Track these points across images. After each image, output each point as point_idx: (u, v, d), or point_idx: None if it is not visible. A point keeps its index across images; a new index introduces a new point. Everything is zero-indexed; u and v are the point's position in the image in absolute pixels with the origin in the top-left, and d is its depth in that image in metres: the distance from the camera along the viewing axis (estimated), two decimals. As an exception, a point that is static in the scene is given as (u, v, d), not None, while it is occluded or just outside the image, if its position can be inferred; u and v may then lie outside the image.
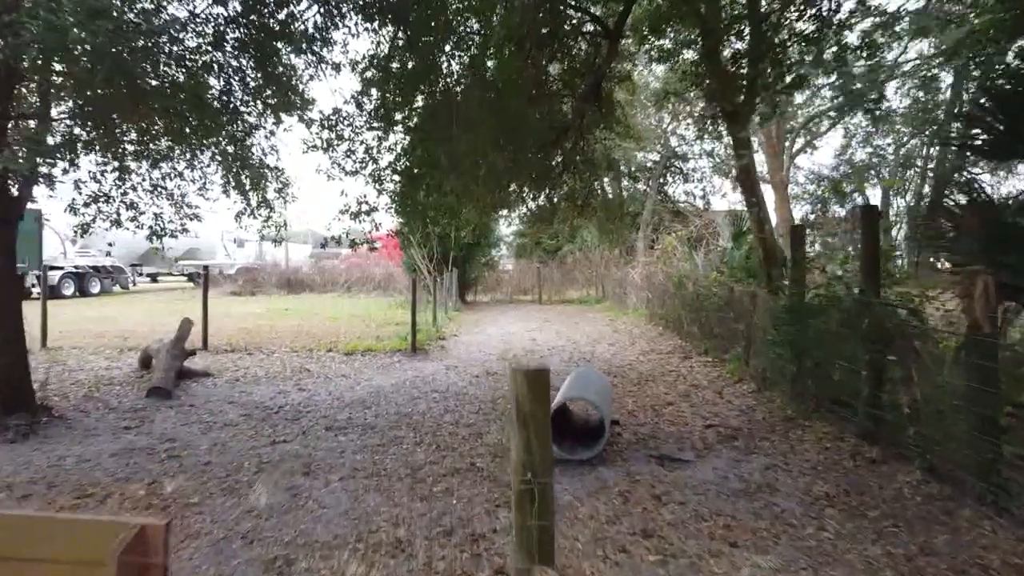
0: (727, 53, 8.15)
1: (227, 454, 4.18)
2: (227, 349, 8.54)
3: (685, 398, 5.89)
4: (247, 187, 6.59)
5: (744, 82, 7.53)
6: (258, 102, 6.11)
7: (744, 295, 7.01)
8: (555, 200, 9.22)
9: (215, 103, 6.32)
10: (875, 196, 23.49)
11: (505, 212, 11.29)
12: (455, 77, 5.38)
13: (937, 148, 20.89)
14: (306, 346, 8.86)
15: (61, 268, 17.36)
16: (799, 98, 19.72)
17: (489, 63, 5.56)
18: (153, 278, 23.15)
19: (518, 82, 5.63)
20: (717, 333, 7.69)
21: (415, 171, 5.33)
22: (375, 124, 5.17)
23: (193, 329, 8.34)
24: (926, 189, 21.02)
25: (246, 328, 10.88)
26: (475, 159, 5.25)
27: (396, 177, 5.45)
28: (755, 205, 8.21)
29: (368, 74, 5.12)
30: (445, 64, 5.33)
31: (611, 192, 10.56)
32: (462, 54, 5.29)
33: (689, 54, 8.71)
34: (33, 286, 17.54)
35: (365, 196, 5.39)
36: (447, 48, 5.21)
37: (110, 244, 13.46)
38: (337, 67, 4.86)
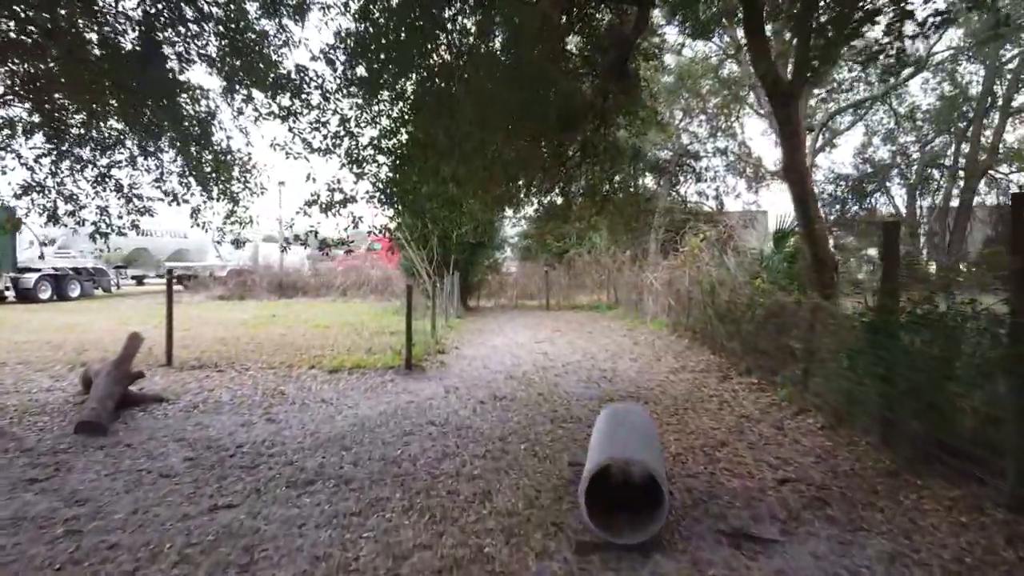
0: (773, 27, 7.08)
1: (147, 529, 3.08)
2: (194, 365, 7.45)
3: (738, 435, 4.78)
4: (209, 175, 5.51)
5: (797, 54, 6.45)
6: (222, 73, 5.04)
7: (798, 306, 5.89)
8: (571, 195, 8.12)
9: (171, 75, 5.26)
10: (899, 196, 22.38)
11: (512, 210, 10.20)
12: (460, 38, 4.29)
13: (967, 146, 19.77)
14: (286, 361, 7.77)
15: (38, 270, 16.31)
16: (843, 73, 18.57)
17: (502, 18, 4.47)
18: (139, 281, 22.07)
19: (536, 46, 4.56)
20: (763, 350, 6.57)
21: (405, 151, 4.24)
22: (354, 89, 4.08)
23: (156, 343, 7.29)
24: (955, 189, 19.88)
25: (224, 338, 9.79)
26: (481, 139, 4.17)
27: (381, 159, 4.35)
28: (804, 200, 7.11)
29: (344, 24, 4.03)
30: (448, 22, 4.24)
31: (632, 186, 9.53)
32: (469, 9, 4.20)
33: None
34: (7, 289, 16.54)
35: (339, 182, 4.29)
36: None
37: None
38: (301, 9, 3.76)
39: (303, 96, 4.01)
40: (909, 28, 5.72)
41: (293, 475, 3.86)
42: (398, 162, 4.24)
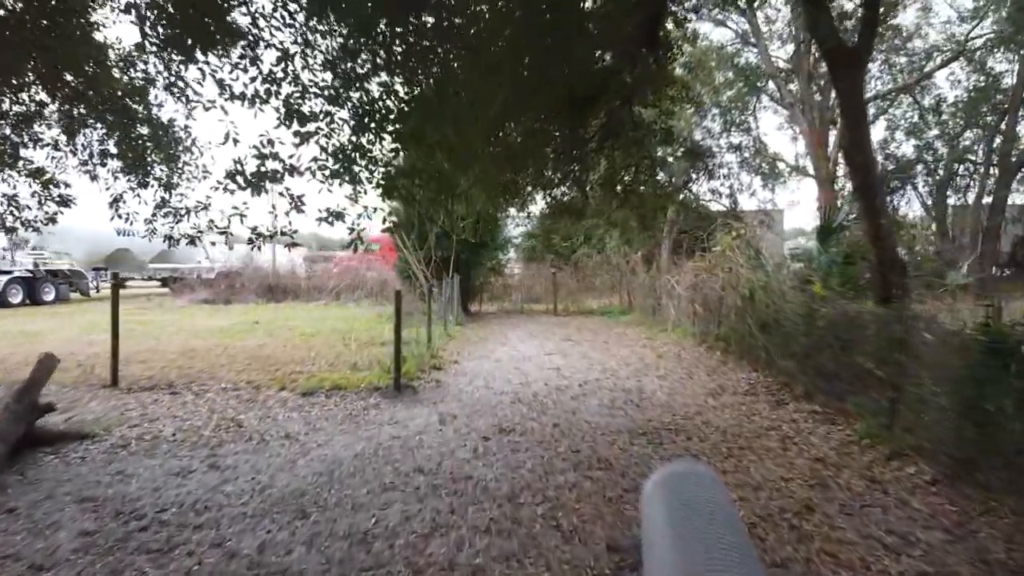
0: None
1: None
2: (145, 385, 6.31)
3: (822, 491, 3.63)
4: (142, 155, 4.37)
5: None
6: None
7: (880, 319, 4.74)
8: (587, 185, 6.98)
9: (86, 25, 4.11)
10: (925, 194, 21.15)
11: (518, 207, 9.05)
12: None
13: (999, 141, 18.57)
14: (255, 380, 6.63)
15: (8, 272, 15.22)
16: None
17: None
18: (121, 283, 20.89)
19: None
20: (826, 370, 5.41)
21: (372, 107, 3.10)
22: (298, 16, 2.94)
23: (99, 359, 6.18)
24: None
25: (193, 350, 8.67)
26: (483, 96, 3.05)
27: (332, 108, 3.18)
28: (869, 189, 5.97)
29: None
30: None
31: (659, 175, 8.39)
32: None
33: None
34: (-22, 292, 15.46)
35: (271, 144, 3.12)
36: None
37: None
38: None
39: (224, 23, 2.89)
40: None
41: (218, 568, 2.72)
42: (364, 119, 3.10)
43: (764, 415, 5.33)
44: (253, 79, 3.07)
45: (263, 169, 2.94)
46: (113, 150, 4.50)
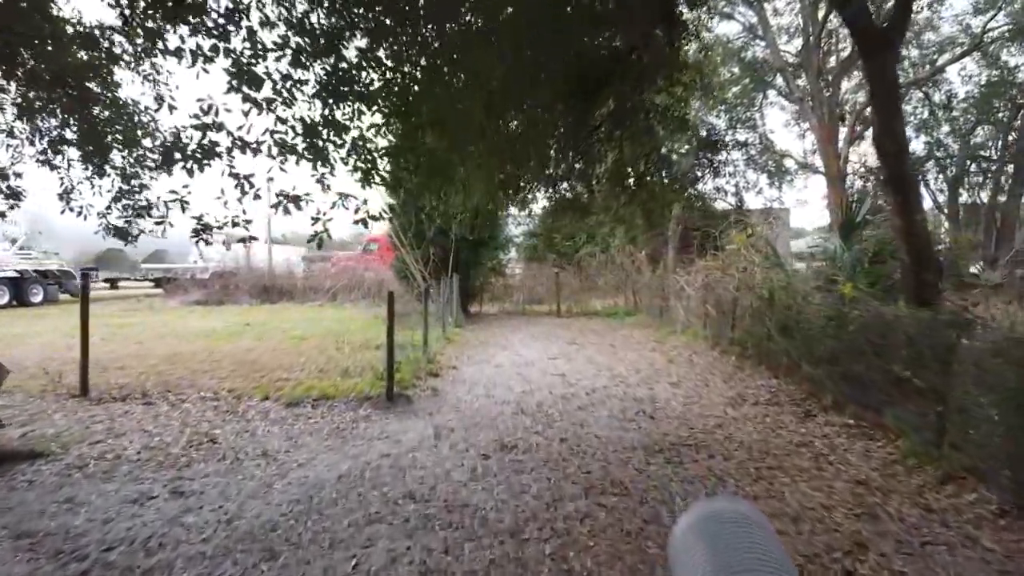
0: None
1: None
2: (117, 395, 5.85)
3: (872, 523, 3.15)
4: (103, 141, 3.91)
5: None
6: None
7: (924, 323, 4.26)
8: (593, 179, 6.51)
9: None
10: (936, 192, 20.64)
11: (519, 204, 8.57)
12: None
13: (1015, 137, 18.04)
14: (238, 388, 6.17)
15: (-6, 273, 14.78)
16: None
17: None
18: (112, 284, 20.44)
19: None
20: (859, 378, 4.93)
21: (347, 75, 2.60)
22: None
23: (69, 365, 5.78)
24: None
25: (177, 355, 8.21)
26: (482, 67, 2.58)
27: (295, 71, 2.67)
28: (902, 181, 5.51)
29: None
30: None
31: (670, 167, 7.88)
32: None
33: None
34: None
35: (214, 112, 2.63)
36: None
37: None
38: None
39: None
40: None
41: (159, 629, 2.25)
42: (339, 87, 2.61)
43: (791, 428, 4.86)
44: (195, 31, 2.58)
45: (206, 143, 2.45)
46: (70, 136, 4.04)
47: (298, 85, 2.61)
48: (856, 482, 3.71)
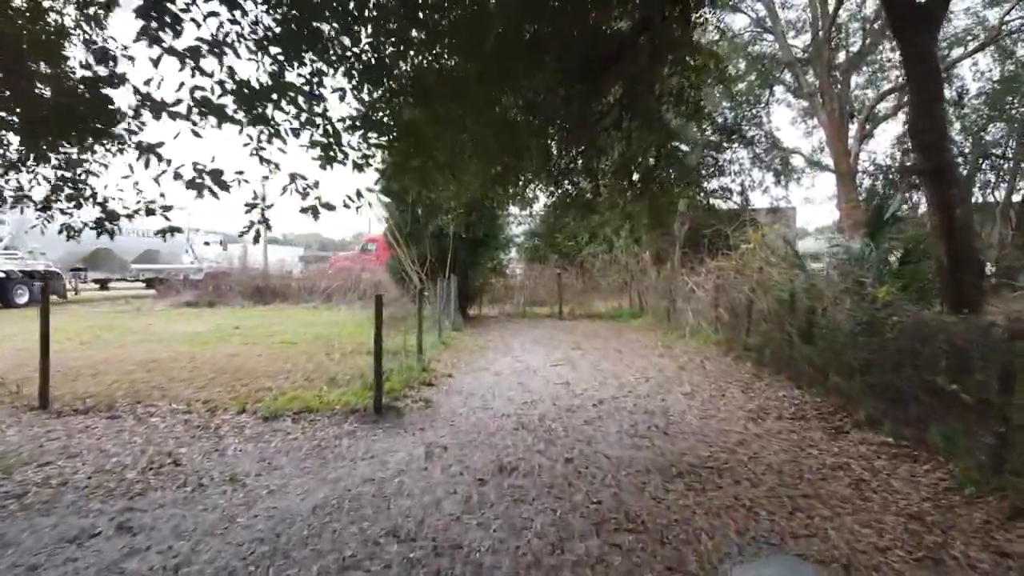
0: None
1: None
2: (80, 408, 5.35)
3: (936, 570, 2.66)
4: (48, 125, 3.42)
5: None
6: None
7: (978, 331, 3.76)
8: (599, 173, 6.02)
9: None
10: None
11: (519, 201, 8.06)
12: None
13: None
14: (213, 400, 5.67)
15: (-23, 274, 14.29)
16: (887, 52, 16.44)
17: None
18: (102, 284, 19.95)
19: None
20: (898, 392, 4.43)
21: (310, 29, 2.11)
22: None
23: (30, 375, 5.37)
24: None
25: (155, 361, 7.71)
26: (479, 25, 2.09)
27: (226, 12, 2.15)
28: (941, 174, 5.02)
29: None
30: None
31: (683, 160, 7.33)
32: None
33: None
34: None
35: (104, 48, 2.09)
36: None
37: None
38: None
39: None
40: None
41: None
42: (296, 43, 2.10)
43: (823, 447, 4.36)
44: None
45: (103, 102, 1.94)
46: (13, 119, 3.55)
47: (239, 36, 2.11)
48: (908, 515, 3.22)
